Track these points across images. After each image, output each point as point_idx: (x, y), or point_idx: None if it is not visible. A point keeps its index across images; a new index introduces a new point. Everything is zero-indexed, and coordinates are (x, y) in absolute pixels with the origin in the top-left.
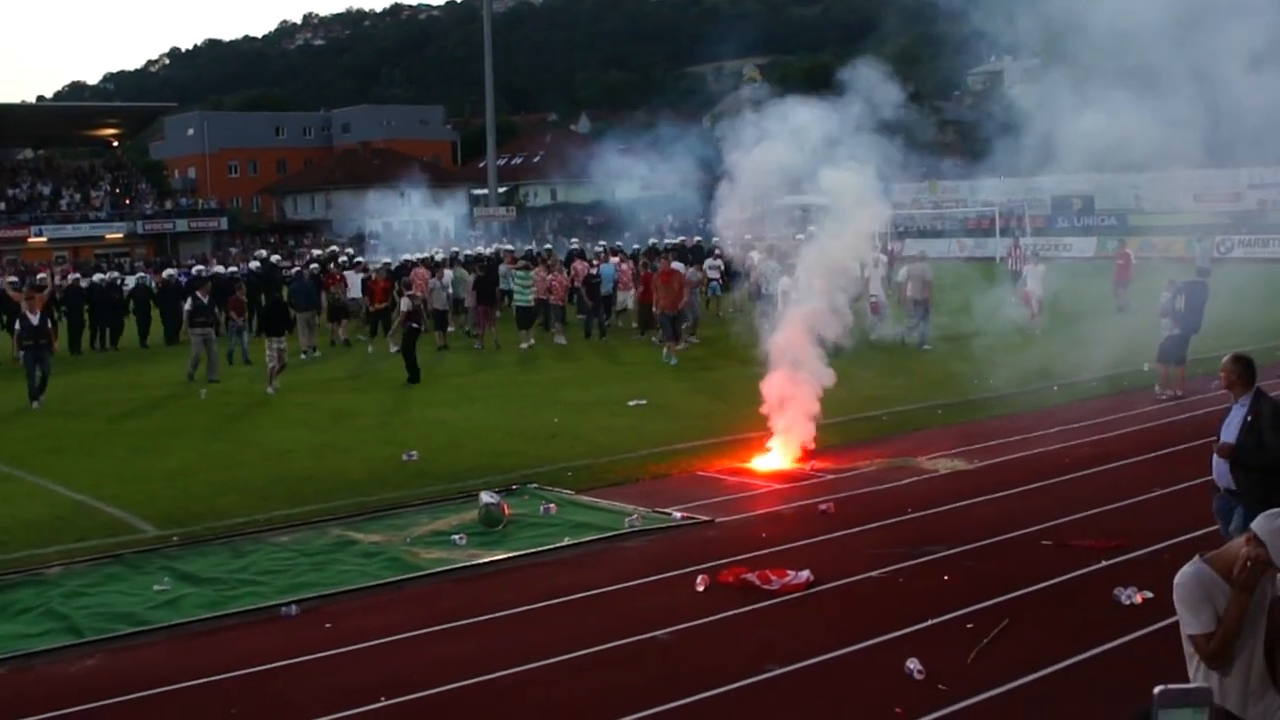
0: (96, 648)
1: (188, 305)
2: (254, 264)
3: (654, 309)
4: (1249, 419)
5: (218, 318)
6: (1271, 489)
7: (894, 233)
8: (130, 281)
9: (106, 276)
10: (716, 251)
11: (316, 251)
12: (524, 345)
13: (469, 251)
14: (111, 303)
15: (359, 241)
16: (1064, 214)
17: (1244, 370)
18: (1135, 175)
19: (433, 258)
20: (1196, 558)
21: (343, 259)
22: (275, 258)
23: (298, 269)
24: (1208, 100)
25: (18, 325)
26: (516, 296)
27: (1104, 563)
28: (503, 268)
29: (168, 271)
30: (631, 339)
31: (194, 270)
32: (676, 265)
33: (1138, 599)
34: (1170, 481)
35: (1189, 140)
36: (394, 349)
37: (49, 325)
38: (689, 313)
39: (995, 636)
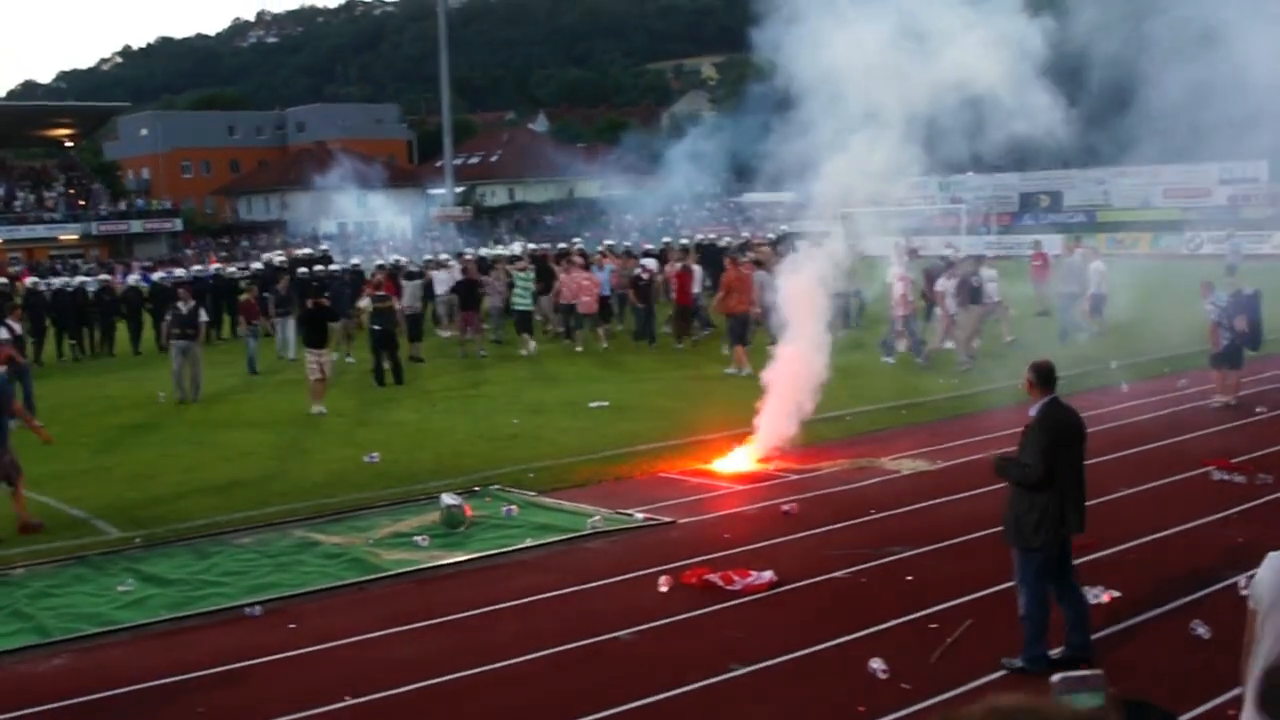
0: (64, 647)
1: (168, 315)
2: (257, 265)
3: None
4: (1025, 429)
5: (201, 328)
6: (1019, 508)
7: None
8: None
9: (99, 280)
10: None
11: (296, 254)
12: (524, 351)
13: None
14: (104, 307)
15: (314, 242)
16: (1031, 210)
17: (1034, 376)
18: (1102, 170)
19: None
20: None
21: (390, 260)
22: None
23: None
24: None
25: None
26: (516, 299)
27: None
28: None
29: (158, 274)
30: (675, 347)
31: (176, 273)
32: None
33: (1105, 598)
34: (1136, 481)
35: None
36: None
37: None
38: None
39: (959, 637)
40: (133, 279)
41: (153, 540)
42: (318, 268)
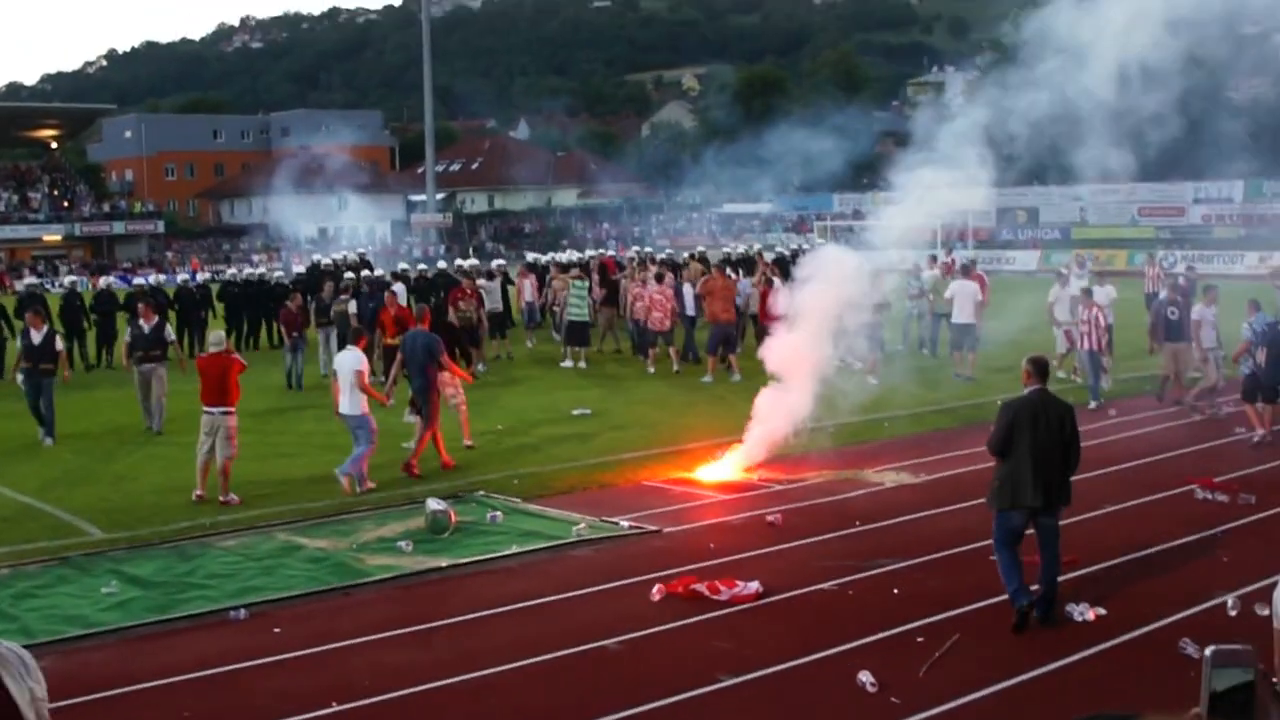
0: (48, 649)
1: (127, 335)
2: (299, 269)
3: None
4: None
5: (168, 349)
6: (993, 475)
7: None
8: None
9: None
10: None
11: (337, 257)
12: (564, 363)
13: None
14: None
15: (296, 246)
16: (1008, 226)
17: (1031, 368)
18: (1079, 187)
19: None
20: None
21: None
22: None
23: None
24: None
25: (20, 343)
26: (571, 309)
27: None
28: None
29: (230, 271)
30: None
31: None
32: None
33: (1090, 615)
34: (1122, 498)
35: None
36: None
37: (54, 345)
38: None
39: (947, 651)
40: (182, 278)
41: (136, 542)
42: (364, 273)
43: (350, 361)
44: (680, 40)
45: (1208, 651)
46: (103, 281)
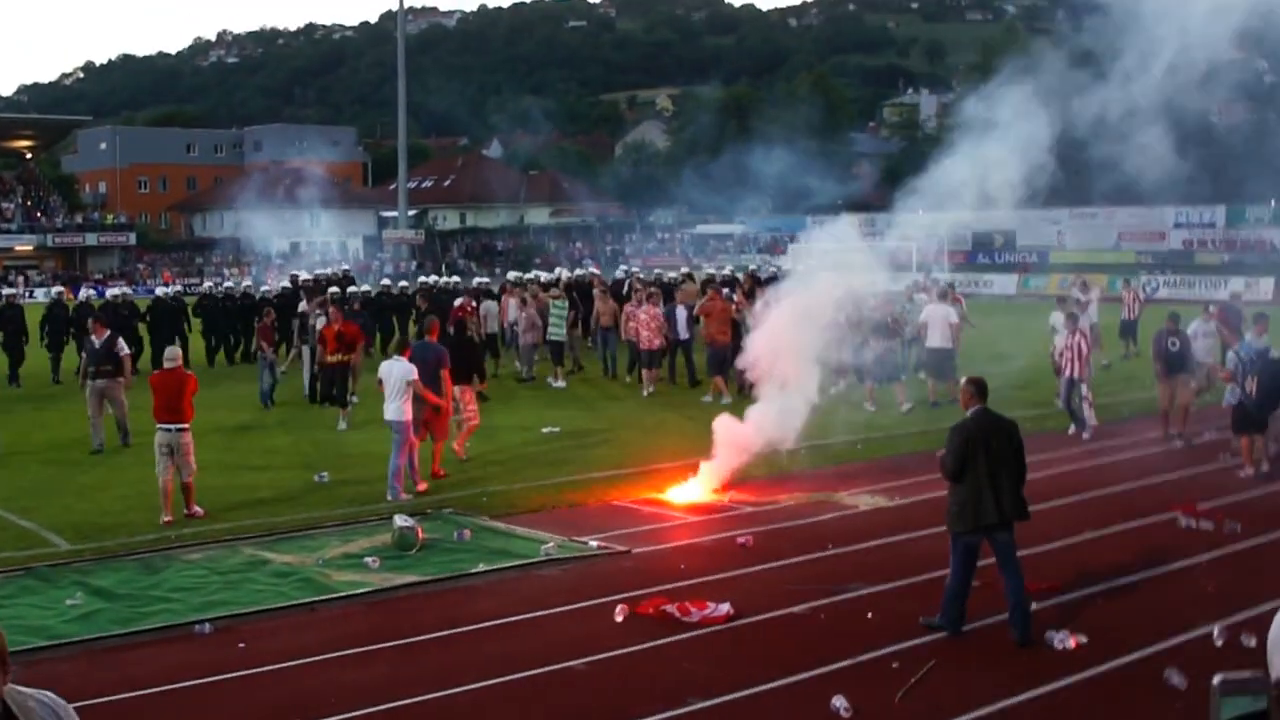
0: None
1: (83, 350)
2: (284, 284)
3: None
4: None
5: (123, 363)
6: (949, 499)
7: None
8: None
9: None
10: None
11: (320, 273)
12: (556, 383)
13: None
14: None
15: (266, 260)
16: (985, 250)
17: (973, 389)
18: (1057, 211)
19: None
20: None
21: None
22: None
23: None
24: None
25: None
26: (551, 329)
27: (1035, 606)
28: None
29: (208, 284)
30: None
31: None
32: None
33: (1071, 643)
34: (1104, 524)
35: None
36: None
37: None
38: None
39: (923, 676)
40: (161, 290)
41: (102, 553)
42: (350, 289)
43: (402, 372)
44: (655, 61)
45: (1215, 680)
46: (82, 294)
